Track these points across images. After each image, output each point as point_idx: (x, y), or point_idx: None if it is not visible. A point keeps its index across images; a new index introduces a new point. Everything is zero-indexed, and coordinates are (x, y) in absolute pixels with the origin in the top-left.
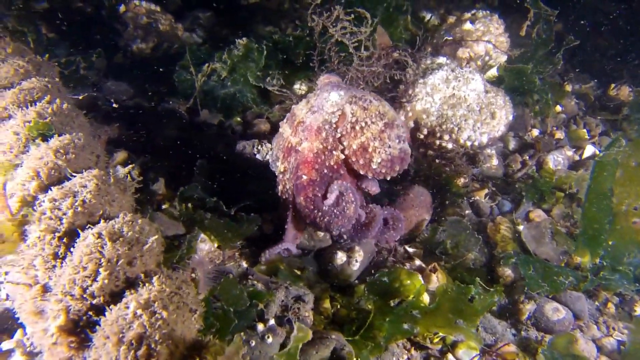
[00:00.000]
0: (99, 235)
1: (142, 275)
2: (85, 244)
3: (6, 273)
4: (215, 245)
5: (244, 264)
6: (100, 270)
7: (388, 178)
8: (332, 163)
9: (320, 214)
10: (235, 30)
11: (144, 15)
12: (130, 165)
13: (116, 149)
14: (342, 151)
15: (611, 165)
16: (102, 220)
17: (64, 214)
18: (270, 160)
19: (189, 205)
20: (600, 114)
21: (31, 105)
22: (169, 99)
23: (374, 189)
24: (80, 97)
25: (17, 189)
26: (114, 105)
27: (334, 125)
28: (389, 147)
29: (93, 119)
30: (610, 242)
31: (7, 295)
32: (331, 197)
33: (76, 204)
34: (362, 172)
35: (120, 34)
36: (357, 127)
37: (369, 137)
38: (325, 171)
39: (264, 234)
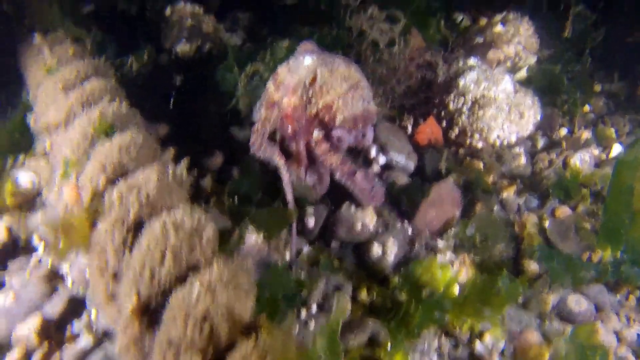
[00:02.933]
0: (164, 225)
1: (203, 261)
2: (151, 233)
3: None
4: (262, 236)
5: (288, 255)
6: (166, 256)
7: (353, 133)
8: (307, 116)
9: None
10: (275, 30)
11: (189, 17)
12: (185, 161)
13: (164, 147)
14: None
15: (633, 164)
16: (164, 212)
17: (131, 206)
18: (254, 112)
19: (235, 199)
20: (629, 113)
21: (94, 105)
22: (211, 96)
23: (343, 136)
24: None
25: (87, 182)
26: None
27: (307, 85)
28: (352, 106)
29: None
30: (630, 238)
31: (73, 281)
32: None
33: (141, 197)
34: (329, 126)
35: (165, 35)
36: (324, 88)
37: (333, 97)
38: (303, 121)
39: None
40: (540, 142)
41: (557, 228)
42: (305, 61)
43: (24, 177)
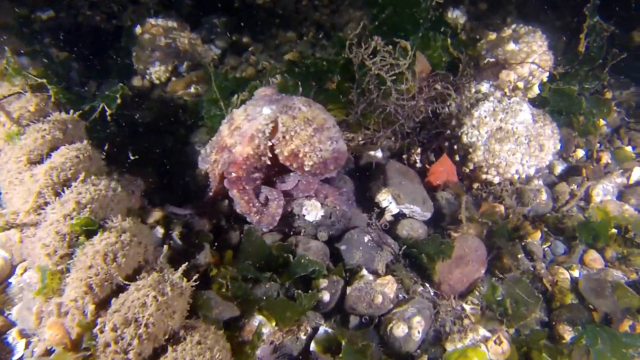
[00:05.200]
0: None
1: None
2: None
3: None
4: (273, 324)
5: (302, 337)
6: None
7: (324, 176)
8: (258, 166)
9: (250, 203)
10: (255, 37)
11: (162, 35)
12: (183, 266)
13: (150, 206)
14: (271, 158)
15: None
16: (169, 348)
17: (129, 344)
18: (200, 158)
19: (239, 279)
20: None
21: (66, 186)
22: (196, 135)
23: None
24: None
25: (71, 307)
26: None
27: (267, 135)
28: (320, 150)
29: (122, 169)
30: None
31: None
32: (260, 197)
33: (140, 331)
34: (299, 173)
35: (137, 57)
36: (287, 136)
37: (298, 144)
38: (252, 169)
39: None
40: (559, 169)
41: (591, 285)
42: (264, 111)
43: None
